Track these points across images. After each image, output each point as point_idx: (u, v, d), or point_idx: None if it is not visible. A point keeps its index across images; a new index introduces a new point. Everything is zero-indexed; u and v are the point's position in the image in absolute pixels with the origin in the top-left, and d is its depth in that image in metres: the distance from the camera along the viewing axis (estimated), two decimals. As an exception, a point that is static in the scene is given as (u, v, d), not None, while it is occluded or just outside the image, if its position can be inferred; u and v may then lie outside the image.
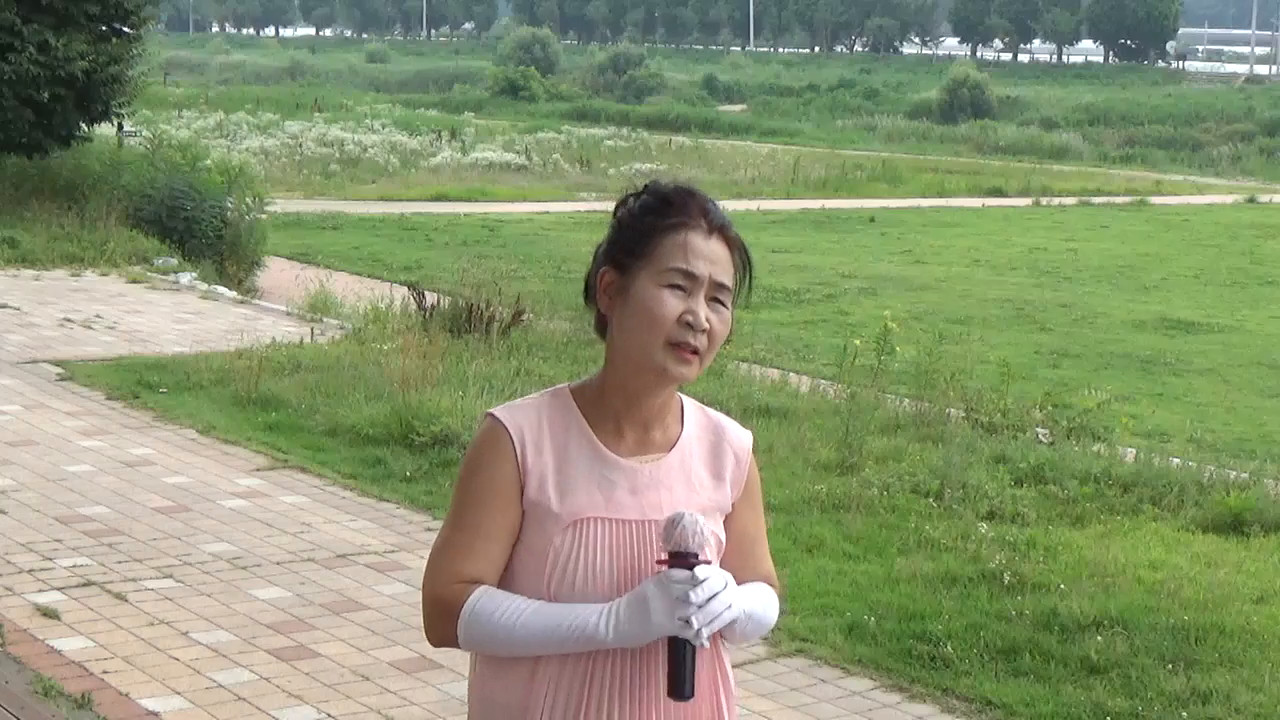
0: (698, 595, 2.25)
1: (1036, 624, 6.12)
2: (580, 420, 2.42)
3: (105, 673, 5.49)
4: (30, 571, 6.55)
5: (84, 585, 6.39)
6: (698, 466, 2.47)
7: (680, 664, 2.28)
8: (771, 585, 2.54)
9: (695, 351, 2.35)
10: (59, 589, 6.34)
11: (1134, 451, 9.31)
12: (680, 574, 2.27)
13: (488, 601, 2.34)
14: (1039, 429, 9.89)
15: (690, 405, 2.53)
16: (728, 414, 2.63)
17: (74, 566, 6.62)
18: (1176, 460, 8.95)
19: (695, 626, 2.25)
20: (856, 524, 7.49)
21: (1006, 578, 6.59)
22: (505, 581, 2.40)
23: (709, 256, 2.37)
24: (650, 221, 2.39)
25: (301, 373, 10.30)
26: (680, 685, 2.28)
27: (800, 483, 8.10)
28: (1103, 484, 8.28)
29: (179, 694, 5.37)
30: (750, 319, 14.74)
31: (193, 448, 8.77)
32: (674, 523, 2.31)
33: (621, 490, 2.39)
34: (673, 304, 2.34)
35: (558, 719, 2.36)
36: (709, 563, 2.31)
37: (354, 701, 5.38)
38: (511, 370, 10.36)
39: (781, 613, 2.59)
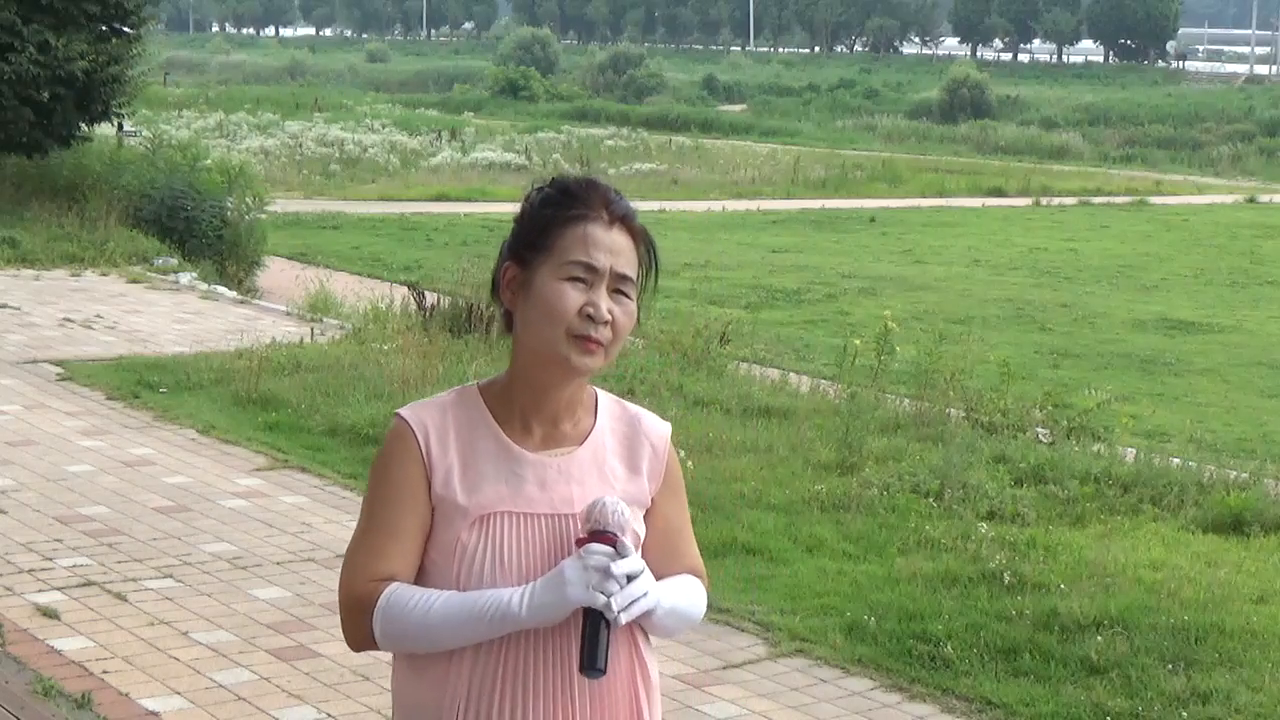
0: (618, 567, 2.24)
1: (1036, 624, 6.12)
2: (487, 416, 2.42)
3: (105, 673, 5.49)
4: (30, 571, 6.55)
5: (84, 585, 6.39)
6: (611, 459, 2.45)
7: (594, 638, 2.25)
8: (698, 577, 2.51)
9: (599, 343, 2.35)
10: (59, 589, 6.34)
11: (1134, 451, 9.31)
12: (600, 547, 2.26)
13: (401, 595, 2.34)
14: (1039, 429, 9.89)
15: (605, 398, 2.51)
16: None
17: (74, 566, 6.62)
18: (1176, 460, 8.95)
19: (614, 605, 2.24)
20: (856, 524, 7.49)
21: (1006, 578, 6.59)
22: (419, 579, 2.40)
23: (610, 248, 2.37)
24: (550, 214, 2.39)
25: (301, 373, 10.30)
26: (593, 659, 2.25)
27: (800, 483, 8.10)
28: (1103, 484, 8.28)
29: (179, 694, 5.37)
30: (750, 319, 14.75)
31: (193, 448, 8.77)
32: (595, 504, 2.31)
33: (530, 484, 2.39)
34: (573, 296, 2.34)
35: (472, 715, 2.35)
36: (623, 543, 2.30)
37: (354, 701, 5.38)
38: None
39: (711, 605, 2.56)
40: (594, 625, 2.26)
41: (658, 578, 2.40)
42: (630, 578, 2.27)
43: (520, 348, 2.41)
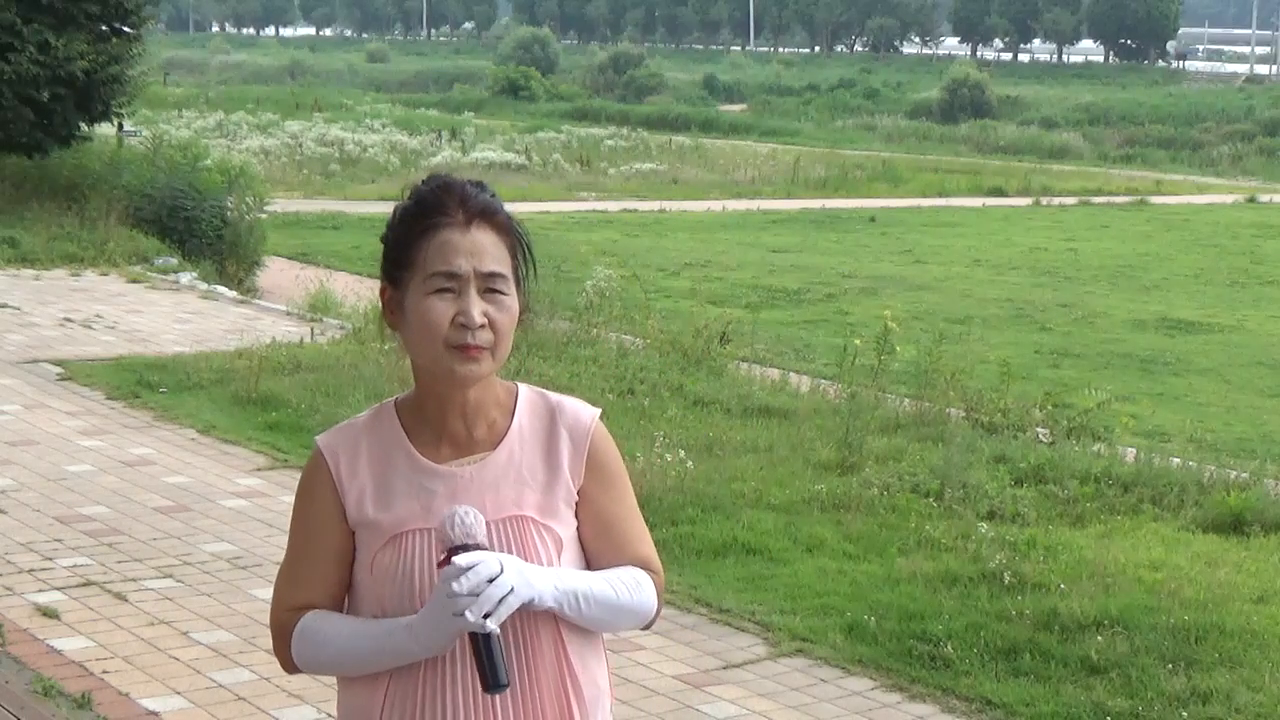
0: (462, 585, 2.17)
1: (1036, 624, 6.12)
2: (399, 433, 2.40)
3: (105, 672, 5.49)
4: (30, 571, 6.55)
5: (84, 585, 6.40)
6: (530, 458, 2.40)
7: (483, 655, 2.21)
8: (648, 569, 2.42)
9: (479, 347, 2.30)
10: (59, 589, 6.34)
11: (1134, 451, 9.31)
12: (449, 568, 2.20)
13: (310, 626, 2.37)
14: (1039, 429, 9.89)
15: (526, 393, 2.46)
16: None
17: (74, 566, 6.62)
18: (1177, 460, 8.95)
19: (471, 617, 2.18)
20: (856, 524, 7.49)
21: (1006, 578, 6.59)
22: (350, 601, 2.41)
23: (470, 250, 2.31)
24: (408, 228, 2.34)
25: (301, 372, 10.30)
26: (490, 676, 2.21)
27: (800, 483, 8.10)
28: (1103, 484, 8.28)
29: (179, 694, 5.37)
30: (750, 319, 14.74)
31: (193, 447, 8.77)
32: (440, 520, 2.26)
33: (440, 498, 2.35)
34: (441, 309, 2.29)
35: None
36: (479, 548, 2.22)
37: (354, 701, 5.37)
38: (511, 370, 10.36)
39: (655, 604, 2.44)
40: (478, 643, 2.22)
41: (599, 569, 2.38)
42: (491, 581, 2.19)
43: (413, 364, 2.39)
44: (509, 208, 2.42)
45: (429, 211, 2.33)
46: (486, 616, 2.19)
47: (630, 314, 13.28)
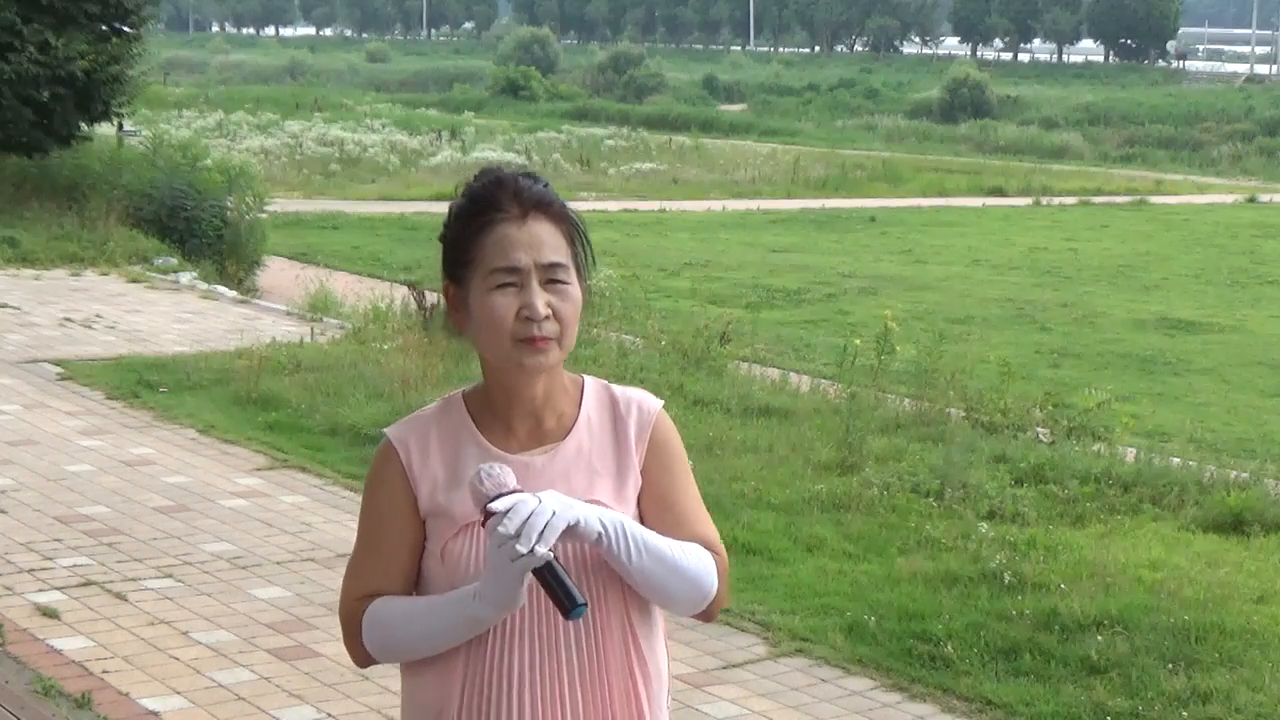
0: (506, 526, 2.20)
1: (1036, 624, 6.12)
2: (469, 423, 2.43)
3: (105, 672, 5.49)
4: (30, 571, 6.55)
5: (84, 585, 6.40)
6: (599, 447, 2.44)
7: (553, 585, 2.23)
8: (709, 549, 2.42)
9: (546, 338, 2.34)
10: (59, 589, 6.34)
11: (1134, 451, 9.31)
12: (491, 523, 2.23)
13: (379, 610, 2.37)
14: (1039, 429, 9.89)
15: (592, 385, 2.49)
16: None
17: (74, 566, 6.62)
18: (1177, 460, 8.95)
19: (523, 549, 2.19)
20: (856, 524, 7.49)
21: (1007, 577, 6.59)
22: (419, 592, 2.42)
23: (528, 243, 2.33)
24: (464, 225, 2.37)
25: (301, 372, 10.30)
26: (566, 601, 2.22)
27: (800, 482, 8.10)
28: (1103, 484, 8.28)
29: (179, 694, 5.37)
30: (750, 319, 14.74)
31: (193, 447, 8.77)
32: (474, 480, 2.27)
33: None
34: (505, 304, 2.32)
35: (473, 713, 2.36)
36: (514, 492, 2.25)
37: (354, 701, 5.38)
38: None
39: (715, 581, 2.44)
40: (544, 576, 2.23)
41: None
42: (530, 517, 2.21)
43: (482, 359, 2.42)
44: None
45: (484, 208, 2.36)
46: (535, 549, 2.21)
47: (630, 314, 13.28)
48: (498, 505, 2.22)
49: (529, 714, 2.34)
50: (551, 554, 2.22)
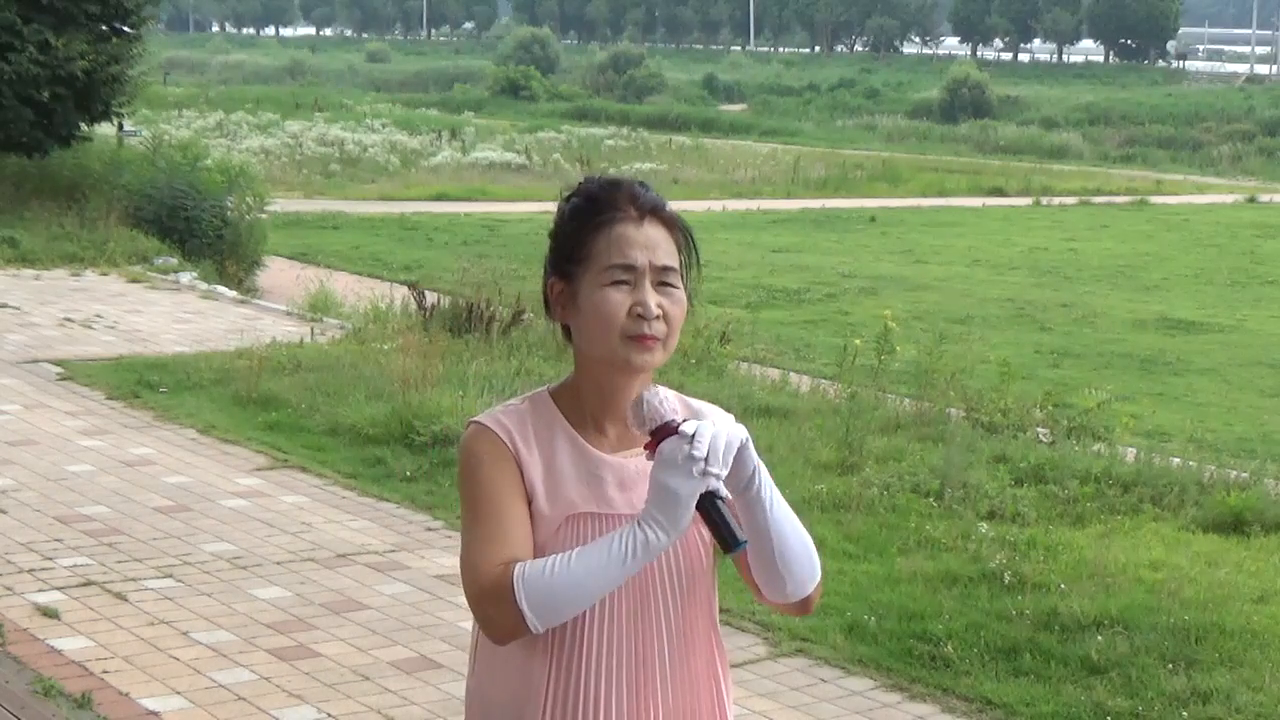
0: (699, 448, 2.23)
1: (1037, 624, 6.12)
2: (562, 421, 2.43)
3: (105, 672, 5.49)
4: (30, 571, 6.55)
5: (84, 585, 6.39)
6: None
7: (718, 521, 2.26)
8: None
9: (655, 338, 2.36)
10: (59, 589, 6.34)
11: (1134, 451, 9.31)
12: (671, 442, 2.24)
13: (534, 565, 2.29)
14: (1039, 429, 9.89)
15: (673, 396, 2.49)
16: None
17: (74, 566, 6.62)
18: (1177, 460, 8.95)
19: (716, 471, 2.23)
20: (857, 524, 7.49)
21: (1006, 577, 6.59)
22: None
23: (645, 244, 2.38)
24: (580, 224, 2.40)
25: (301, 372, 10.30)
26: (727, 539, 2.26)
27: (800, 482, 8.10)
28: (1103, 484, 8.27)
29: (179, 694, 5.37)
30: (751, 319, 14.75)
31: (193, 447, 8.77)
32: (637, 405, 2.29)
33: (610, 485, 2.39)
34: (619, 300, 2.35)
35: (556, 710, 2.35)
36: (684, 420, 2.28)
37: (354, 701, 5.38)
38: (512, 370, 10.35)
39: (819, 567, 2.57)
40: (711, 511, 2.26)
41: None
42: (710, 439, 2.25)
43: (582, 356, 2.42)
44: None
45: (603, 208, 2.39)
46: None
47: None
48: (687, 428, 2.25)
49: (619, 711, 2.35)
50: (725, 491, 2.27)
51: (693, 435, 2.24)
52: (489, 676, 2.43)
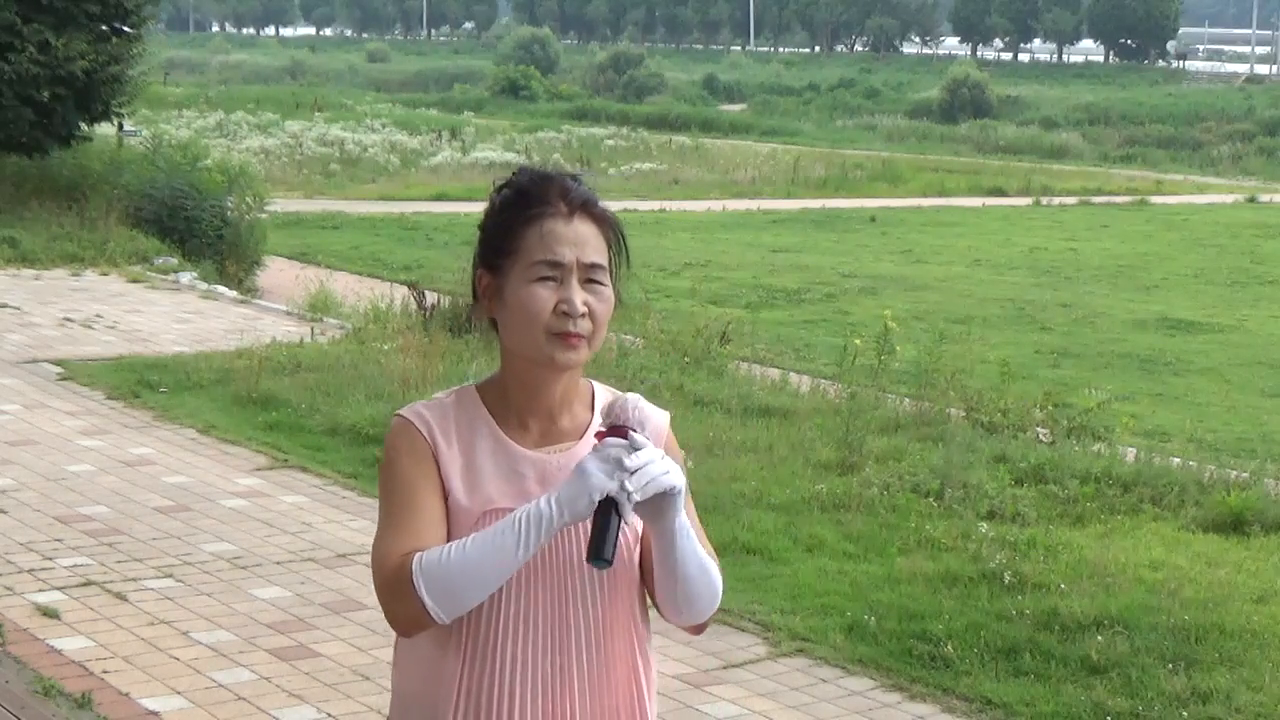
0: (634, 460, 2.22)
1: (1037, 624, 6.12)
2: (486, 416, 2.43)
3: (105, 672, 5.49)
4: (30, 571, 6.55)
5: (84, 585, 6.40)
6: None
7: (604, 528, 2.24)
8: None
9: (579, 336, 2.35)
10: (59, 589, 6.34)
11: (1134, 451, 9.31)
12: (616, 440, 2.25)
13: (432, 552, 2.28)
14: (1039, 429, 9.89)
15: (602, 390, 2.51)
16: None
17: (74, 566, 6.62)
18: (1177, 460, 8.95)
19: (629, 488, 2.22)
20: (857, 524, 7.49)
21: (1007, 577, 6.59)
22: None
23: (573, 240, 2.36)
24: (510, 217, 2.39)
25: (301, 372, 10.30)
26: (599, 548, 2.23)
27: (800, 482, 8.10)
28: (1103, 484, 8.28)
29: (179, 694, 5.37)
30: (750, 319, 14.75)
31: (193, 447, 8.77)
32: (614, 401, 2.31)
33: (530, 481, 2.38)
34: (545, 296, 2.34)
35: (468, 706, 2.35)
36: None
37: (354, 701, 5.38)
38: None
39: (721, 589, 2.47)
40: (605, 516, 2.24)
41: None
42: (648, 464, 2.25)
43: (507, 351, 2.42)
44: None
45: (533, 201, 2.38)
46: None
47: (630, 314, 13.28)
48: (639, 440, 2.25)
49: (534, 710, 2.34)
50: (633, 510, 2.26)
51: (636, 447, 2.25)
52: (406, 671, 2.43)
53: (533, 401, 2.42)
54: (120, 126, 20.77)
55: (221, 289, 14.90)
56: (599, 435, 2.30)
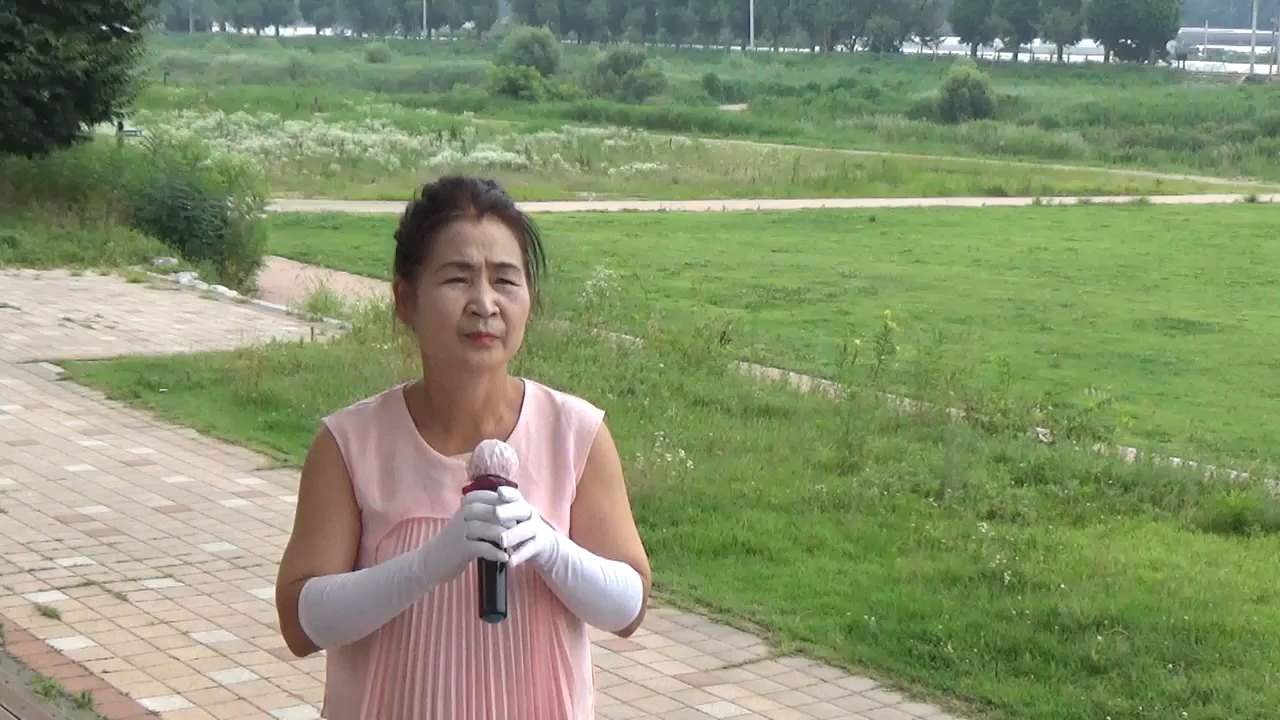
0: (504, 511, 2.20)
1: (1037, 624, 6.12)
2: (408, 422, 2.43)
3: (105, 672, 5.49)
4: (30, 571, 6.55)
5: (84, 585, 6.40)
6: (536, 455, 2.43)
7: (490, 582, 2.22)
8: (636, 570, 2.43)
9: (491, 336, 2.35)
10: (59, 589, 6.34)
11: (1134, 451, 9.31)
12: (482, 493, 2.23)
13: (316, 584, 2.34)
14: (1039, 429, 9.89)
15: (534, 391, 2.50)
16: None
17: (74, 566, 6.62)
18: (1177, 460, 8.95)
19: (507, 542, 2.20)
20: (857, 524, 7.49)
21: (1007, 577, 6.59)
22: None
23: (481, 241, 2.37)
24: (420, 222, 2.40)
25: (301, 372, 10.30)
26: (491, 602, 2.22)
27: (800, 482, 8.10)
28: (1103, 484, 8.28)
29: (179, 694, 5.37)
30: (751, 319, 14.74)
31: (193, 447, 8.78)
32: (476, 451, 2.28)
33: (447, 490, 2.37)
34: (453, 298, 2.35)
35: (386, 708, 2.35)
36: (514, 486, 2.26)
37: (354, 701, 5.37)
38: (511, 370, 10.33)
39: (640, 603, 2.45)
40: (489, 569, 2.22)
41: None
42: (519, 520, 2.22)
43: (426, 356, 2.43)
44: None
45: (441, 205, 2.39)
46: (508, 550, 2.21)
47: (630, 314, 13.28)
48: (507, 492, 2.22)
49: (449, 713, 2.33)
50: (513, 562, 2.23)
51: (504, 500, 2.22)
52: (332, 668, 2.45)
53: (454, 406, 2.42)
54: (120, 126, 20.77)
55: (221, 289, 14.90)
56: (465, 490, 2.27)
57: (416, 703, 2.33)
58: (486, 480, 2.25)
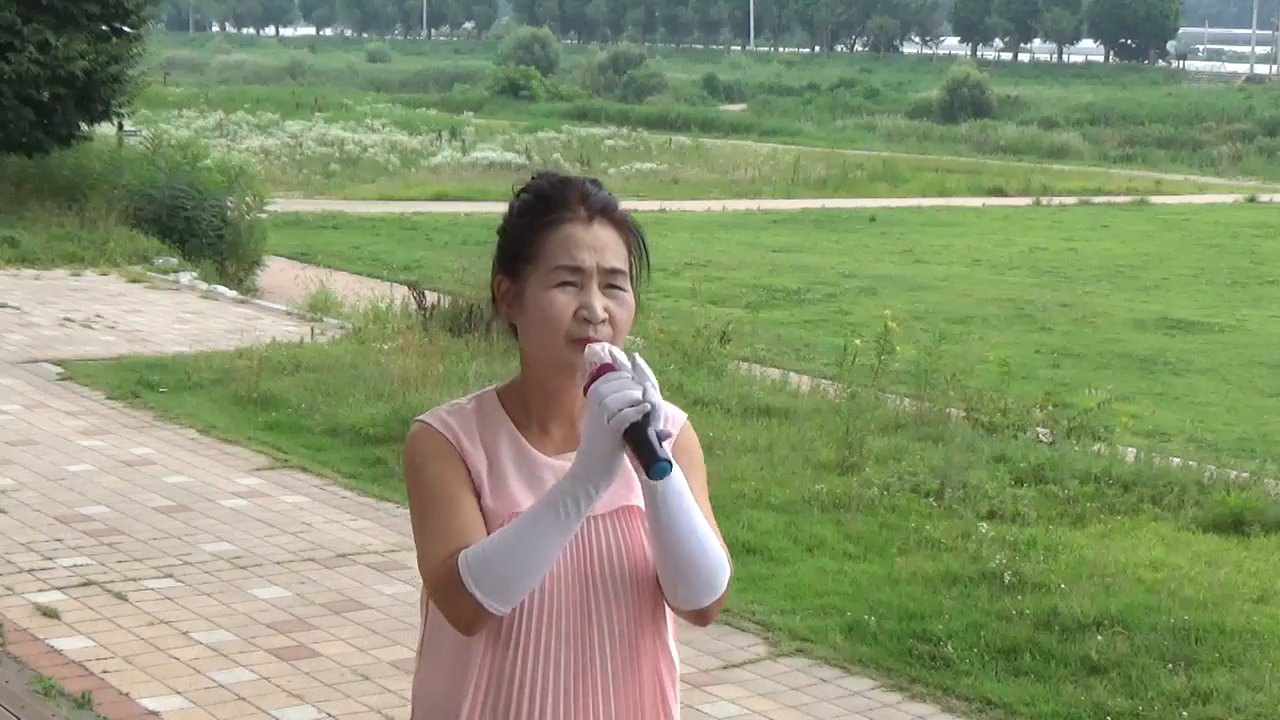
0: (634, 377, 2.21)
1: (1037, 624, 6.12)
2: (507, 422, 2.41)
3: (105, 672, 5.49)
4: (30, 571, 6.55)
5: (84, 585, 6.40)
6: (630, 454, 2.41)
7: (644, 442, 2.19)
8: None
9: (600, 342, 2.32)
10: (59, 589, 6.34)
11: (1134, 451, 9.31)
12: (609, 375, 2.23)
13: (475, 547, 2.27)
14: (1039, 429, 9.89)
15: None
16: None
17: (74, 566, 6.62)
18: (1177, 460, 8.95)
19: (648, 392, 2.19)
20: (857, 524, 7.49)
21: (1007, 577, 6.59)
22: None
23: (593, 245, 2.34)
24: (529, 222, 2.36)
25: (301, 372, 10.30)
26: (652, 454, 2.18)
27: (800, 482, 8.10)
28: (1103, 484, 8.28)
29: (179, 694, 5.37)
30: (751, 319, 14.74)
31: (193, 447, 8.77)
32: (586, 353, 2.27)
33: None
34: (565, 302, 2.32)
35: (491, 707, 2.33)
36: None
37: (354, 701, 5.38)
38: (511, 370, 10.34)
39: (729, 571, 2.40)
40: (639, 433, 2.20)
41: None
42: (649, 382, 2.23)
43: (527, 357, 2.40)
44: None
45: (552, 206, 2.35)
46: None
47: (630, 314, 13.24)
48: (644, 360, 2.23)
49: (555, 707, 2.32)
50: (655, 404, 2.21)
51: (630, 374, 2.21)
52: (430, 672, 2.41)
53: (554, 407, 2.41)
54: (120, 126, 20.77)
55: (221, 289, 14.90)
56: (585, 389, 2.25)
57: (521, 700, 2.32)
58: (602, 370, 2.24)
